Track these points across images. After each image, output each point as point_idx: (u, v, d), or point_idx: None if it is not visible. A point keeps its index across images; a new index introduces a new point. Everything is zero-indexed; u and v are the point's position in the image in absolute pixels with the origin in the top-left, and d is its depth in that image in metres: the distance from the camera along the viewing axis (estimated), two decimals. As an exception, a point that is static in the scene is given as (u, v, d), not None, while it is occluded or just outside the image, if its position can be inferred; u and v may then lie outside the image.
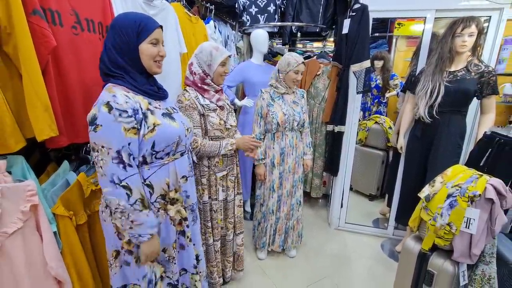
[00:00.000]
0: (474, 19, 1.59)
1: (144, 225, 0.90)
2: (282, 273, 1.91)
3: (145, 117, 0.91)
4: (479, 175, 1.15)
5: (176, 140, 0.97)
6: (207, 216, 1.47)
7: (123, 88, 0.89)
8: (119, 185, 0.85)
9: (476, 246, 1.09)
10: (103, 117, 0.83)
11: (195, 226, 1.15)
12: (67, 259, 0.99)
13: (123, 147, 0.85)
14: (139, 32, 0.89)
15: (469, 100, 1.70)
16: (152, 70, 0.96)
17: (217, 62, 1.32)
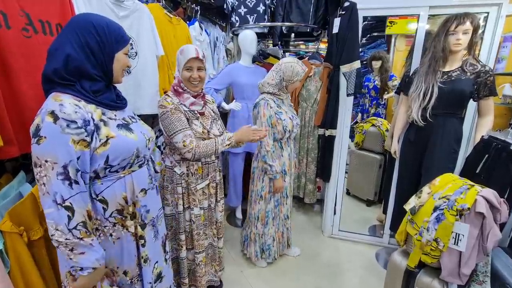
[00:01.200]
0: (468, 16, 1.48)
1: (86, 255, 0.79)
2: (270, 286, 1.82)
3: (97, 128, 0.82)
4: (470, 186, 1.04)
5: (134, 152, 0.90)
6: (181, 227, 1.39)
7: (73, 96, 0.80)
8: (61, 206, 0.76)
9: (466, 265, 0.98)
10: (48, 128, 0.74)
11: (157, 243, 1.06)
12: (16, 278, 0.92)
13: (70, 162, 0.76)
14: (119, 40, 0.85)
15: (464, 102, 1.59)
16: (117, 79, 0.92)
17: (181, 66, 1.27)
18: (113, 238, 0.92)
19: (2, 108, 0.89)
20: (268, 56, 2.96)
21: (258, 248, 1.91)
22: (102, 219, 0.89)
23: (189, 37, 1.94)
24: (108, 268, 0.93)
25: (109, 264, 0.93)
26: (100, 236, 0.90)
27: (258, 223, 1.87)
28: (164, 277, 1.11)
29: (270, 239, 1.90)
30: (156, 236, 1.06)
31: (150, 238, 1.02)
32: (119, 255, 0.94)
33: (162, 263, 1.11)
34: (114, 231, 0.91)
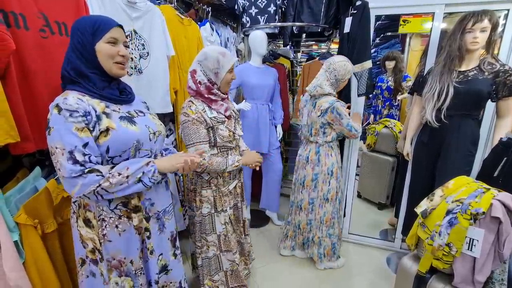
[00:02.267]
0: (486, 13, 1.42)
1: (131, 166, 0.88)
2: (278, 286, 1.80)
3: (99, 119, 0.87)
4: (486, 189, 1.00)
5: (134, 144, 0.92)
6: (206, 229, 1.38)
7: (79, 92, 0.87)
8: (84, 174, 0.82)
9: (481, 272, 0.94)
10: (54, 119, 0.82)
11: (162, 236, 1.07)
12: (31, 269, 0.96)
13: (76, 147, 0.82)
14: (95, 31, 0.87)
15: (481, 102, 1.53)
16: (112, 72, 0.92)
17: (225, 70, 1.21)
18: (119, 230, 0.95)
19: (21, 106, 0.93)
20: (278, 56, 2.96)
21: (323, 250, 1.92)
22: (107, 211, 0.93)
23: (200, 38, 1.96)
24: (116, 260, 0.96)
25: (116, 255, 0.96)
26: (106, 227, 0.93)
27: (323, 226, 1.88)
28: (171, 271, 1.13)
29: (335, 238, 1.92)
30: (162, 230, 1.08)
31: (154, 231, 1.04)
32: (125, 246, 0.96)
33: (169, 256, 1.12)
34: (120, 224, 0.95)
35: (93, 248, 0.94)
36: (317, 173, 1.82)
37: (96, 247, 0.94)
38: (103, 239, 0.94)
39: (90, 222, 0.93)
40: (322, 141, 1.79)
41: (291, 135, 3.20)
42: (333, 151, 1.81)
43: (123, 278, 0.98)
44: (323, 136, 1.78)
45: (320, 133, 1.78)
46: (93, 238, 0.94)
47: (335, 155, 1.82)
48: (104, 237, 0.94)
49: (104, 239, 0.94)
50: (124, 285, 0.99)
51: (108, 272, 0.96)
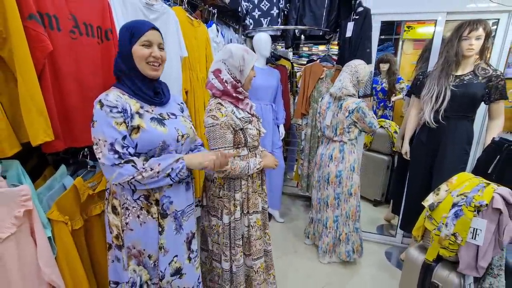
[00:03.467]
0: (481, 22, 1.54)
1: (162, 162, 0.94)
2: (284, 281, 1.87)
3: (132, 118, 0.93)
4: (486, 184, 1.10)
5: (160, 144, 0.96)
6: (238, 234, 1.30)
7: (120, 90, 0.96)
8: (121, 164, 0.89)
9: (483, 258, 1.04)
10: (97, 113, 0.89)
11: (178, 236, 1.08)
12: (62, 264, 0.98)
13: (116, 140, 0.88)
14: (132, 35, 0.93)
15: (476, 105, 1.65)
16: (145, 72, 0.97)
17: (249, 67, 1.19)
18: (140, 220, 0.99)
19: (53, 105, 0.95)
20: (279, 58, 3.04)
21: (351, 247, 2.00)
22: (131, 200, 0.97)
23: (208, 39, 2.00)
24: (136, 249, 1.00)
25: (136, 245, 1.00)
26: (129, 215, 0.97)
27: (349, 221, 1.97)
28: (185, 275, 1.11)
29: (361, 233, 2.02)
30: (178, 230, 1.07)
31: (170, 229, 1.04)
32: (144, 237, 1.00)
33: (184, 260, 1.10)
34: (141, 215, 0.99)
35: (118, 234, 0.99)
36: (341, 170, 1.93)
37: (119, 234, 0.99)
38: (125, 227, 0.98)
39: (116, 209, 0.99)
40: (346, 139, 1.91)
41: (290, 135, 3.28)
42: (355, 148, 1.94)
43: (141, 267, 1.02)
44: (347, 135, 1.90)
45: (345, 132, 1.90)
46: (118, 225, 0.99)
47: (357, 152, 1.94)
48: (126, 225, 0.98)
49: (126, 227, 0.98)
50: (141, 274, 1.03)
51: (128, 259, 1.00)
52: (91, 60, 1.10)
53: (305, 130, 2.73)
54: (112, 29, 1.19)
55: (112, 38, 1.19)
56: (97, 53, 1.13)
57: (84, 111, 1.08)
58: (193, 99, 1.87)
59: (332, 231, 2.02)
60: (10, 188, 0.84)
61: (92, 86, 1.12)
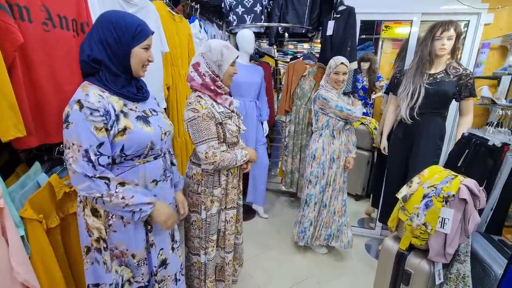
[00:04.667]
0: (452, 23, 1.62)
1: (136, 196, 0.91)
2: (267, 275, 1.91)
3: (117, 119, 0.89)
4: (454, 176, 1.17)
5: (148, 145, 0.95)
6: (213, 229, 1.34)
7: (99, 88, 0.88)
8: (95, 178, 0.85)
9: (450, 246, 1.11)
10: (74, 115, 0.83)
11: (164, 231, 1.11)
12: (36, 264, 0.95)
13: (90, 147, 0.84)
14: (135, 35, 0.89)
15: (448, 102, 1.74)
16: (138, 74, 0.97)
17: (228, 62, 1.20)
18: (124, 221, 0.98)
19: (24, 100, 0.92)
20: (263, 55, 3.05)
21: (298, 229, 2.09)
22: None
23: (190, 34, 1.98)
24: (118, 250, 0.99)
25: (119, 245, 0.99)
26: (112, 217, 0.96)
27: (304, 206, 2.06)
28: (169, 264, 1.16)
29: (307, 222, 2.04)
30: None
31: (157, 226, 1.06)
32: (128, 238, 0.99)
33: (168, 251, 1.15)
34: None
35: (98, 237, 0.96)
36: (305, 156, 2.03)
37: (101, 237, 0.96)
38: (108, 229, 0.96)
39: (97, 212, 0.95)
40: (315, 128, 1.99)
41: (275, 131, 3.31)
42: (321, 138, 1.96)
43: (123, 267, 1.02)
44: (315, 124, 1.99)
45: (314, 121, 2.00)
46: (99, 228, 0.95)
47: (322, 143, 1.95)
48: (110, 227, 0.96)
49: (109, 229, 0.96)
50: (123, 274, 1.02)
51: (110, 260, 0.99)
52: (66, 53, 1.07)
53: (288, 127, 2.76)
54: (88, 22, 1.16)
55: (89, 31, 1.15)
56: (72, 46, 1.10)
57: (59, 106, 1.04)
58: (175, 95, 1.85)
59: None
60: (-22, 186, 0.81)
61: (68, 80, 1.09)
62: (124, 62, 0.91)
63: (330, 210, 2.05)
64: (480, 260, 1.24)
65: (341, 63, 1.85)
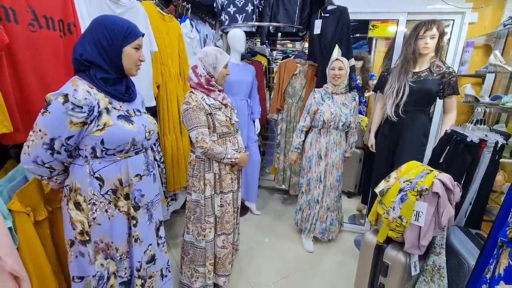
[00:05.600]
0: (435, 22, 1.66)
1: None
2: (257, 269, 1.95)
3: (99, 115, 0.94)
4: (430, 171, 1.21)
5: (129, 141, 1.00)
6: (209, 211, 1.49)
7: (87, 83, 0.93)
8: (42, 166, 0.93)
9: (424, 238, 1.15)
10: (55, 106, 0.87)
11: (151, 225, 1.15)
12: (24, 255, 1.00)
13: (59, 137, 0.90)
14: (126, 36, 0.96)
15: (431, 99, 1.78)
16: (131, 73, 1.03)
17: (221, 65, 1.43)
18: (108, 214, 1.02)
19: (11, 98, 0.96)
20: (256, 54, 3.08)
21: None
22: (98, 195, 1.00)
23: (181, 34, 2.02)
24: (103, 243, 1.03)
25: (104, 238, 1.03)
26: (96, 211, 1.00)
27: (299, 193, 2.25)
28: (157, 260, 1.20)
29: (298, 206, 2.26)
30: (150, 220, 1.15)
31: (144, 221, 1.11)
32: (111, 231, 1.04)
33: (155, 246, 1.19)
34: (109, 208, 1.02)
35: (82, 230, 1.00)
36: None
37: (84, 229, 1.00)
38: (93, 222, 1.00)
39: (80, 205, 0.99)
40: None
41: (268, 129, 3.35)
42: (310, 135, 2.13)
43: (108, 260, 1.06)
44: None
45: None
46: (82, 221, 0.99)
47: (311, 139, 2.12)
48: (94, 220, 1.00)
49: (94, 222, 1.00)
50: (109, 267, 1.06)
51: (95, 253, 1.02)
52: (52, 53, 1.11)
53: (280, 125, 2.80)
54: (75, 23, 1.20)
55: (75, 31, 1.20)
56: (59, 46, 1.14)
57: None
58: (165, 93, 1.89)
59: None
60: (-34, 179, 0.85)
61: (55, 79, 1.13)
62: (117, 61, 0.98)
63: (323, 206, 2.12)
64: (456, 253, 1.28)
65: (336, 59, 1.94)
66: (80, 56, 0.92)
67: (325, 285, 1.83)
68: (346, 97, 2.05)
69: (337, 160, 2.07)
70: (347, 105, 2.03)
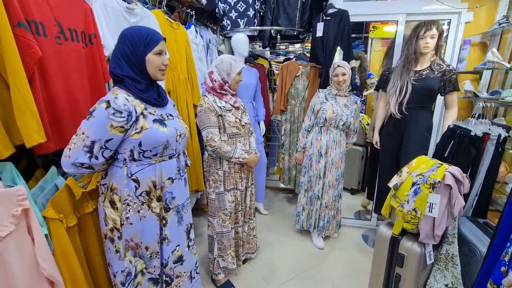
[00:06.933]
0: (434, 22, 1.74)
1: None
2: (269, 269, 1.99)
3: (137, 120, 1.01)
4: (440, 164, 1.28)
5: (164, 143, 1.05)
6: (225, 205, 1.65)
7: (126, 91, 1.01)
8: (81, 167, 0.98)
9: (438, 228, 1.21)
10: (99, 111, 0.94)
11: (180, 227, 1.20)
12: (59, 260, 1.02)
13: (99, 140, 0.95)
14: (147, 44, 1.00)
15: (433, 96, 1.85)
16: (157, 78, 1.08)
17: (235, 72, 1.55)
18: (140, 215, 1.07)
19: (43, 108, 0.99)
20: (257, 57, 3.14)
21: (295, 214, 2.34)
22: (133, 196, 1.05)
23: (187, 40, 2.06)
24: (133, 242, 1.08)
25: (135, 237, 1.08)
26: (129, 211, 1.05)
27: (299, 193, 2.30)
28: (185, 261, 1.25)
29: (300, 207, 2.28)
30: (180, 222, 1.20)
31: (173, 222, 1.17)
32: (143, 231, 1.09)
33: (184, 248, 1.24)
34: (142, 209, 1.07)
35: (113, 227, 1.06)
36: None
37: (115, 227, 1.06)
38: (125, 221, 1.05)
39: (115, 204, 1.05)
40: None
41: (271, 131, 3.40)
42: (311, 133, 2.20)
43: (137, 259, 1.11)
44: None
45: None
46: (115, 219, 1.06)
47: (312, 138, 2.18)
48: (127, 219, 1.06)
49: (126, 221, 1.06)
50: (136, 265, 1.11)
51: (125, 250, 1.08)
52: (76, 64, 1.15)
53: (284, 126, 2.86)
54: (95, 34, 1.24)
55: (96, 42, 1.24)
56: (82, 57, 1.17)
57: (72, 113, 1.13)
58: (175, 99, 1.92)
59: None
60: (6, 189, 0.88)
61: (79, 88, 1.17)
62: (142, 69, 1.03)
63: (322, 203, 2.18)
64: (467, 241, 1.35)
65: (338, 66, 2.00)
66: (113, 70, 0.99)
67: (338, 278, 1.88)
68: (348, 100, 2.11)
69: (337, 159, 2.12)
70: (348, 106, 2.09)
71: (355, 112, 2.11)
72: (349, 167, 3.20)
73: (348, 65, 2.04)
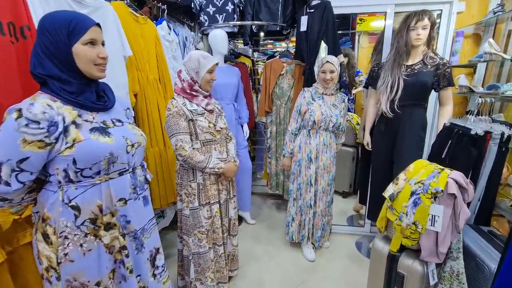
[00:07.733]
0: (426, 12, 1.59)
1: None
2: (257, 284, 1.80)
3: (66, 131, 0.79)
4: (441, 170, 1.12)
5: (106, 157, 0.84)
6: (200, 222, 1.43)
7: (49, 96, 0.79)
8: None
9: (443, 244, 1.05)
10: (7, 123, 0.74)
11: (140, 256, 0.99)
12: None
13: (8, 161, 0.75)
14: (71, 32, 0.79)
15: (427, 92, 1.71)
16: (93, 75, 0.85)
17: (204, 69, 1.36)
18: (84, 249, 0.86)
19: None
20: (239, 55, 2.95)
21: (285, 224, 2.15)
22: (73, 227, 0.84)
23: (157, 36, 1.85)
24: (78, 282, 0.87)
25: (79, 277, 0.87)
26: (68, 245, 0.84)
27: (288, 202, 2.10)
28: None
29: (289, 217, 2.07)
30: (139, 249, 0.99)
31: (131, 249, 0.97)
32: (91, 267, 0.88)
33: (148, 278, 1.04)
34: (86, 242, 0.86)
35: (48, 266, 0.85)
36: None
37: (51, 266, 0.85)
38: (64, 258, 0.84)
39: (48, 238, 0.84)
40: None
41: (257, 133, 3.22)
42: (298, 137, 2.00)
43: None
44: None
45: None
46: (49, 256, 0.84)
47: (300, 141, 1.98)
48: (65, 256, 0.84)
49: (65, 258, 0.84)
50: None
51: None
52: (2, 61, 0.93)
53: (270, 128, 2.68)
54: (29, 26, 1.02)
55: (30, 36, 1.02)
56: (10, 53, 0.96)
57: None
58: (144, 102, 1.72)
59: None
60: None
61: (8, 92, 0.95)
62: (71, 65, 0.81)
63: (317, 211, 1.99)
64: (473, 255, 1.20)
65: (326, 62, 1.82)
66: (33, 69, 0.78)
67: (332, 296, 1.71)
68: (336, 98, 1.96)
69: (328, 163, 1.96)
70: (337, 106, 1.94)
71: (343, 111, 1.95)
72: (340, 169, 3.04)
73: (337, 61, 1.86)
